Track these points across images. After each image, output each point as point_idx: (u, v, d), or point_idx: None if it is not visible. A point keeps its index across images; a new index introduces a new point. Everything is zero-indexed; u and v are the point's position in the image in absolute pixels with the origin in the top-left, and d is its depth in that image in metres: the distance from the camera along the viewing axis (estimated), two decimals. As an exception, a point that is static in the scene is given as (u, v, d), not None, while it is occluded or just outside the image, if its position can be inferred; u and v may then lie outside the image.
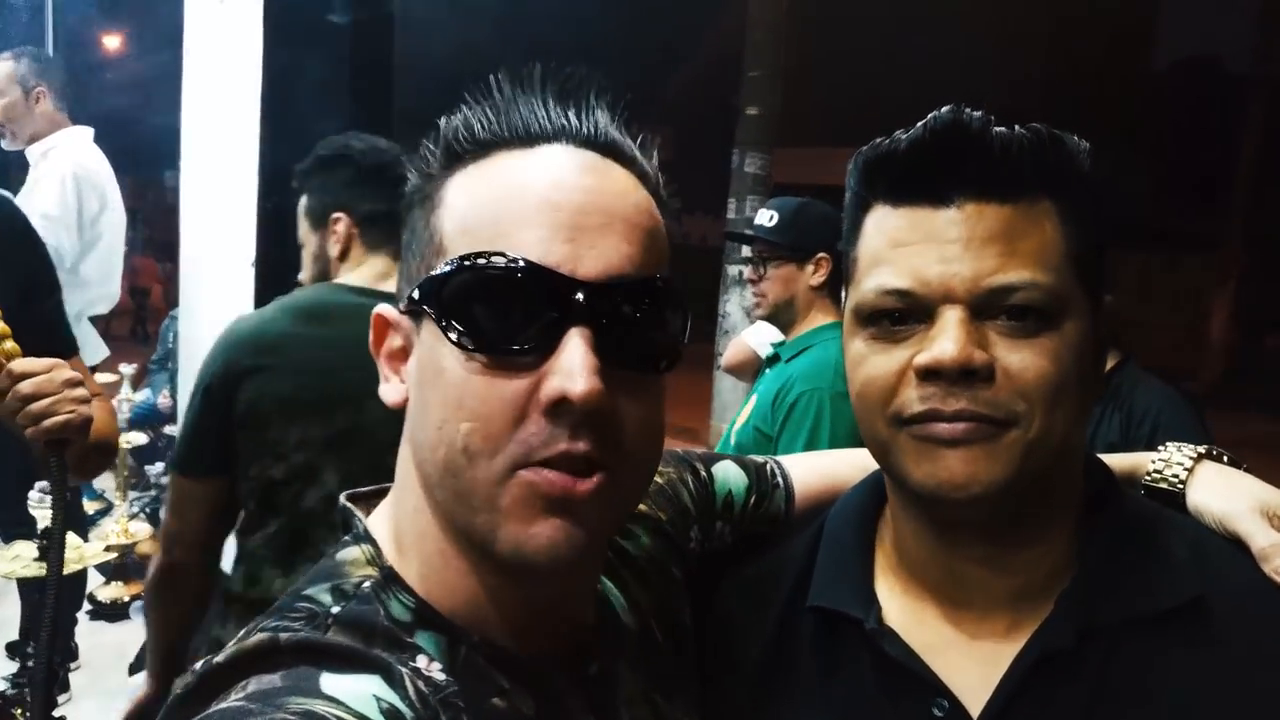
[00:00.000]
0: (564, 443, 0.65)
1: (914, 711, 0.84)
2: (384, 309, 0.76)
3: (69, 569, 2.39)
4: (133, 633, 3.26)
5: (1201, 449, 0.97)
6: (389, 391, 0.75)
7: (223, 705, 0.61)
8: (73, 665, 3.63)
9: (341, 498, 0.81)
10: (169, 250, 3.57)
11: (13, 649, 3.63)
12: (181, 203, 3.40)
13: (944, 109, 0.83)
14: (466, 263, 0.67)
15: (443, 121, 0.74)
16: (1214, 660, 0.80)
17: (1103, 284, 0.86)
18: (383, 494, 0.82)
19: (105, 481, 4.25)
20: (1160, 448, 0.98)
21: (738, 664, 0.95)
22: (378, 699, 0.63)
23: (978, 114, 0.82)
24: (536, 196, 0.68)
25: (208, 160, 3.36)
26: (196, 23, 3.32)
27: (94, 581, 4.07)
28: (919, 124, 0.83)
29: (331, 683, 0.63)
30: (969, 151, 0.81)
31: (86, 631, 3.84)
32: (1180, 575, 0.84)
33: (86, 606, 4.00)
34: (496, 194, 0.69)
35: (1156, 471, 0.96)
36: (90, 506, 5.04)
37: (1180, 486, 0.94)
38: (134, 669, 3.67)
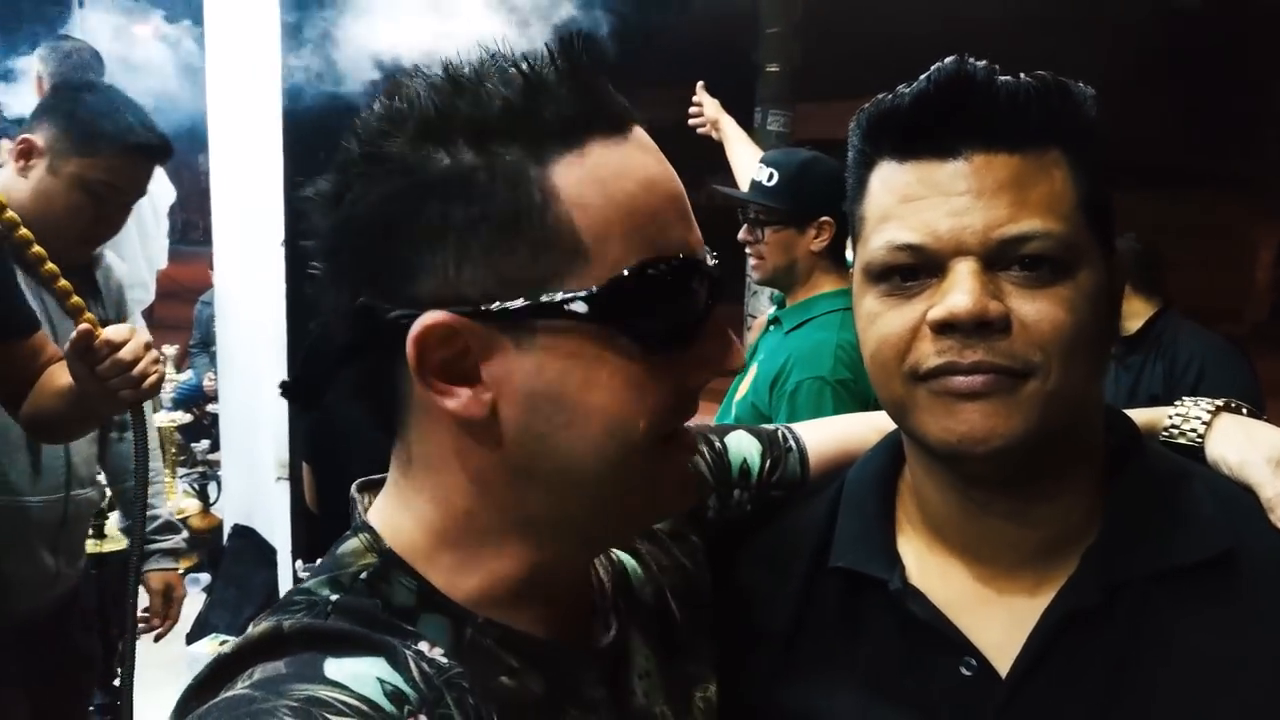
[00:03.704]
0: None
1: (942, 671, 0.83)
2: (442, 317, 0.64)
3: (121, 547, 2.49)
4: (188, 604, 3.35)
5: (1219, 401, 0.94)
6: (457, 403, 0.66)
7: (230, 694, 0.62)
8: (131, 639, 3.75)
9: (353, 488, 0.79)
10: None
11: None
12: (211, 187, 3.46)
13: (947, 60, 0.81)
14: (651, 270, 0.66)
15: (498, 101, 0.65)
16: (1243, 614, 0.79)
17: (1113, 233, 0.84)
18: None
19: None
20: (1177, 402, 0.95)
21: (761, 631, 0.93)
22: (381, 681, 0.63)
23: (982, 64, 0.81)
24: (666, 190, 0.70)
25: (233, 143, 3.41)
26: (216, 8, 3.35)
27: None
28: (922, 77, 0.82)
29: (335, 667, 0.63)
30: (974, 102, 0.80)
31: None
32: (1209, 528, 0.82)
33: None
34: (631, 190, 0.67)
35: (1174, 426, 0.93)
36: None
37: (1199, 441, 0.92)
38: (191, 638, 3.79)
